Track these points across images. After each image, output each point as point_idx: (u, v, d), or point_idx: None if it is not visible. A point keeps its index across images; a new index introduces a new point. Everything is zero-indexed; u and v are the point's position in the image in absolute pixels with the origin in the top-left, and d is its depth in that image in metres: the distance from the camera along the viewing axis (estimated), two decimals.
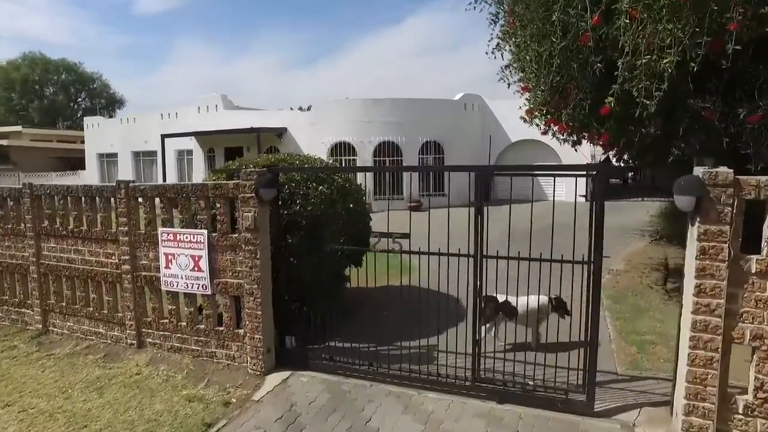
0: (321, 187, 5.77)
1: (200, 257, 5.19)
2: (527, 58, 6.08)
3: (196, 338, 5.37)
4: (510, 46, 6.67)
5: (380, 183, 18.36)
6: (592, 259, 4.16)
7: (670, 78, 4.01)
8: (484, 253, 4.52)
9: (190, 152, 22.02)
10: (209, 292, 5.20)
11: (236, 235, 5.01)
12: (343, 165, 18.45)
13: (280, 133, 18.77)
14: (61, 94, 59.49)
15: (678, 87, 4.91)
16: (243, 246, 4.94)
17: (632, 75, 4.43)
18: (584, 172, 4.54)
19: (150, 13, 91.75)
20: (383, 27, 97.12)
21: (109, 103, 64.16)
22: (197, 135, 19.75)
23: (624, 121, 5.58)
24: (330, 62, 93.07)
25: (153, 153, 24.37)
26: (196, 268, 5.23)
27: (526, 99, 6.99)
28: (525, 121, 7.33)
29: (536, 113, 6.90)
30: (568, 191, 19.91)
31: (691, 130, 5.06)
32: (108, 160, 28.08)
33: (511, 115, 20.56)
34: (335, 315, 5.49)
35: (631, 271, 8.60)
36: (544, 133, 7.28)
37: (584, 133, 6.98)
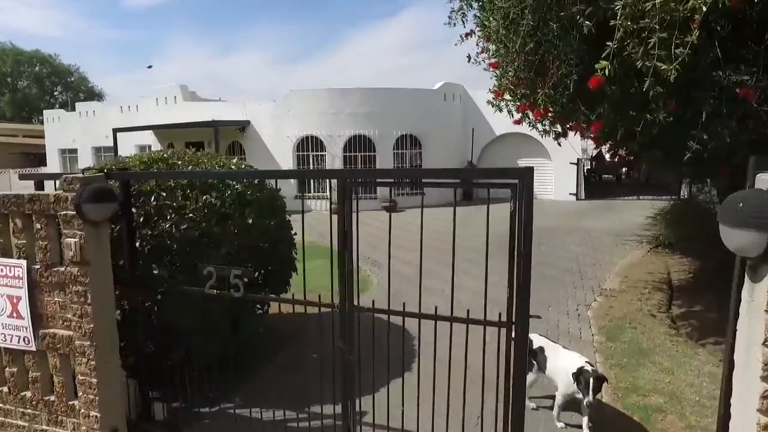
0: (206, 197, 4.20)
1: (19, 298, 3.62)
2: (492, 21, 4.53)
3: (22, 410, 3.81)
4: (473, 8, 5.13)
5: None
6: (513, 320, 2.62)
7: (704, 23, 2.47)
8: (356, 303, 2.99)
9: (150, 148, 20.32)
10: (33, 348, 3.64)
11: (64, 269, 3.44)
12: (311, 162, 16.89)
13: (243, 126, 17.15)
14: (35, 87, 57.18)
15: (700, 54, 3.39)
16: (70, 285, 3.38)
17: (639, 27, 2.89)
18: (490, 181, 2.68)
19: (140, 7, 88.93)
20: (378, 20, 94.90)
21: (88, 97, 61.84)
22: (152, 129, 18.09)
23: (623, 104, 4.06)
24: (325, 57, 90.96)
25: (113, 148, 22.66)
26: (14, 314, 3.65)
27: (494, 77, 5.43)
28: (492, 106, 5.77)
29: (506, 95, 5.34)
30: (559, 188, 18.50)
31: (717, 114, 3.55)
32: (70, 155, 26.31)
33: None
34: (232, 367, 3.99)
35: (628, 291, 7.11)
36: (518, 122, 5.73)
37: (570, 123, 5.42)
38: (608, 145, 7.39)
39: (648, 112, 3.78)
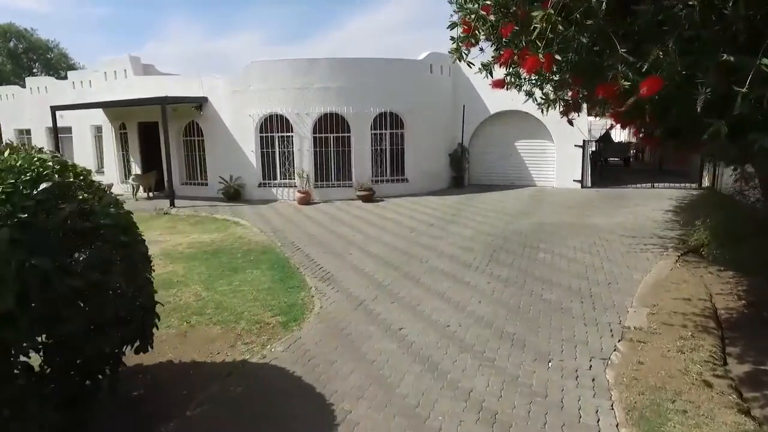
0: None
1: None
2: None
3: None
4: None
5: (322, 166, 14.59)
6: None
7: None
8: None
9: (101, 129, 18.11)
10: None
11: None
12: (277, 144, 14.66)
13: (200, 104, 14.89)
14: (9, 63, 54.35)
15: None
16: None
17: None
18: None
19: None
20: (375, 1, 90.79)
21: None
22: (92, 107, 15.82)
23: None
24: (321, 38, 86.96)
25: (69, 129, 20.40)
26: None
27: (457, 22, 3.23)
28: (456, 59, 3.56)
29: (479, 30, 3.16)
30: (562, 175, 16.21)
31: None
32: (27, 137, 24.05)
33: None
34: None
35: (662, 331, 5.02)
36: (499, 84, 3.57)
37: (588, 84, 3.23)
38: (622, 122, 5.14)
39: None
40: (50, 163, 3.37)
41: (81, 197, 3.45)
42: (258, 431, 3.73)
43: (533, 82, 4.44)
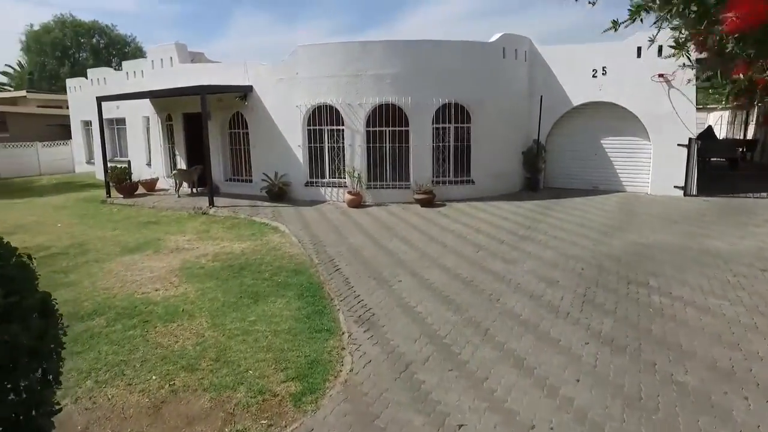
0: None
1: None
2: None
3: None
4: None
5: (376, 164, 12.90)
6: None
7: None
8: None
9: (148, 119, 17.44)
10: None
11: None
12: (326, 138, 13.14)
13: (245, 93, 13.67)
14: (92, 58, 57.15)
15: None
16: None
17: None
18: None
19: None
20: None
21: None
22: (133, 98, 14.96)
23: None
24: (387, 27, 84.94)
25: (123, 120, 20.05)
26: None
27: None
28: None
29: None
30: (659, 179, 13.51)
31: None
32: (88, 128, 24.27)
33: (577, 64, 13.73)
34: None
35: None
36: None
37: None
38: None
39: None
40: None
41: None
42: None
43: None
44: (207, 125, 12.49)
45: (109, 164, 16.02)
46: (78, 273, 7.73)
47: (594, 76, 13.51)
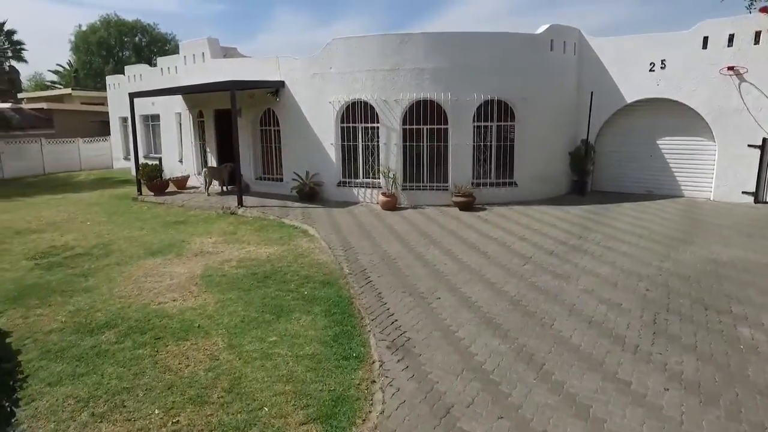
0: None
1: None
2: None
3: None
4: None
5: (412, 164, 12.17)
6: None
7: None
8: None
9: (180, 116, 17.23)
10: None
11: None
12: (360, 136, 12.49)
13: (276, 89, 13.19)
14: (134, 56, 58.56)
15: None
16: None
17: None
18: None
19: None
20: None
21: None
22: (162, 94, 14.75)
23: None
24: (427, 23, 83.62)
25: (158, 117, 20.01)
26: None
27: None
28: None
29: None
30: (724, 183, 12.36)
31: None
32: (128, 124, 24.49)
33: (631, 57, 12.50)
34: None
35: None
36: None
37: None
38: None
39: None
40: None
41: None
42: None
43: None
44: (237, 122, 12.05)
45: (142, 161, 15.88)
46: (97, 277, 7.35)
47: (651, 70, 12.35)
